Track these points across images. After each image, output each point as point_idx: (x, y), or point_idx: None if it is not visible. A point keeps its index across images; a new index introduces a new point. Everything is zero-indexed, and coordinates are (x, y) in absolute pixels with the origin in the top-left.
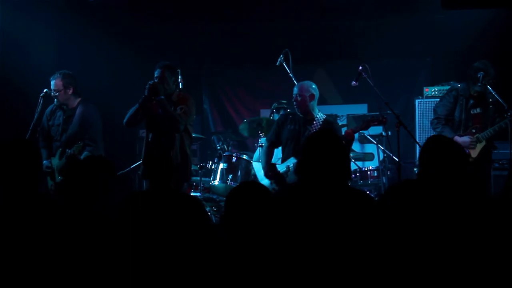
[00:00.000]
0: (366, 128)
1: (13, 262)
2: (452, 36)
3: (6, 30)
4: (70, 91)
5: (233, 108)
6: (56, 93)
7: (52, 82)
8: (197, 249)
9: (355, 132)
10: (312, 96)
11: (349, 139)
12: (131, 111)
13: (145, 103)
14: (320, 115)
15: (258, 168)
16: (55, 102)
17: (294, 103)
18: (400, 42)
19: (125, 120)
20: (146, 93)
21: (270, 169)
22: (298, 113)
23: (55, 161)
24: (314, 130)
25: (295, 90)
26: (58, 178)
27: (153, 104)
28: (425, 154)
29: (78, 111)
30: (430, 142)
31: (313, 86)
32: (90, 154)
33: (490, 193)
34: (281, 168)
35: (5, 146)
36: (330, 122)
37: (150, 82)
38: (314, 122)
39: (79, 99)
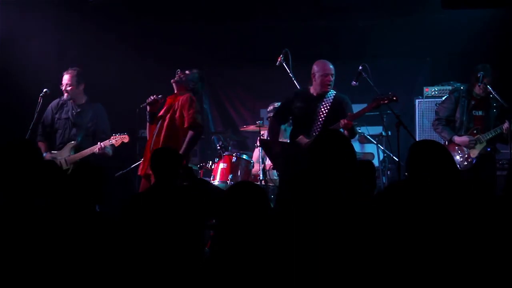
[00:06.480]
0: (376, 107)
1: (15, 262)
2: (452, 36)
3: (6, 30)
4: (82, 87)
5: (233, 108)
6: (68, 87)
7: (66, 76)
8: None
9: (360, 115)
10: None
11: (348, 128)
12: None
13: (152, 119)
14: (331, 92)
15: None
16: (64, 96)
17: (332, 79)
18: (400, 42)
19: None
20: (148, 110)
21: (276, 145)
22: (313, 92)
23: (69, 153)
24: (326, 106)
25: (331, 68)
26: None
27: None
28: (413, 160)
29: (90, 107)
30: (415, 147)
31: None
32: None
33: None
34: None
35: (5, 146)
36: (341, 98)
37: (150, 98)
38: (325, 98)
39: (86, 97)
